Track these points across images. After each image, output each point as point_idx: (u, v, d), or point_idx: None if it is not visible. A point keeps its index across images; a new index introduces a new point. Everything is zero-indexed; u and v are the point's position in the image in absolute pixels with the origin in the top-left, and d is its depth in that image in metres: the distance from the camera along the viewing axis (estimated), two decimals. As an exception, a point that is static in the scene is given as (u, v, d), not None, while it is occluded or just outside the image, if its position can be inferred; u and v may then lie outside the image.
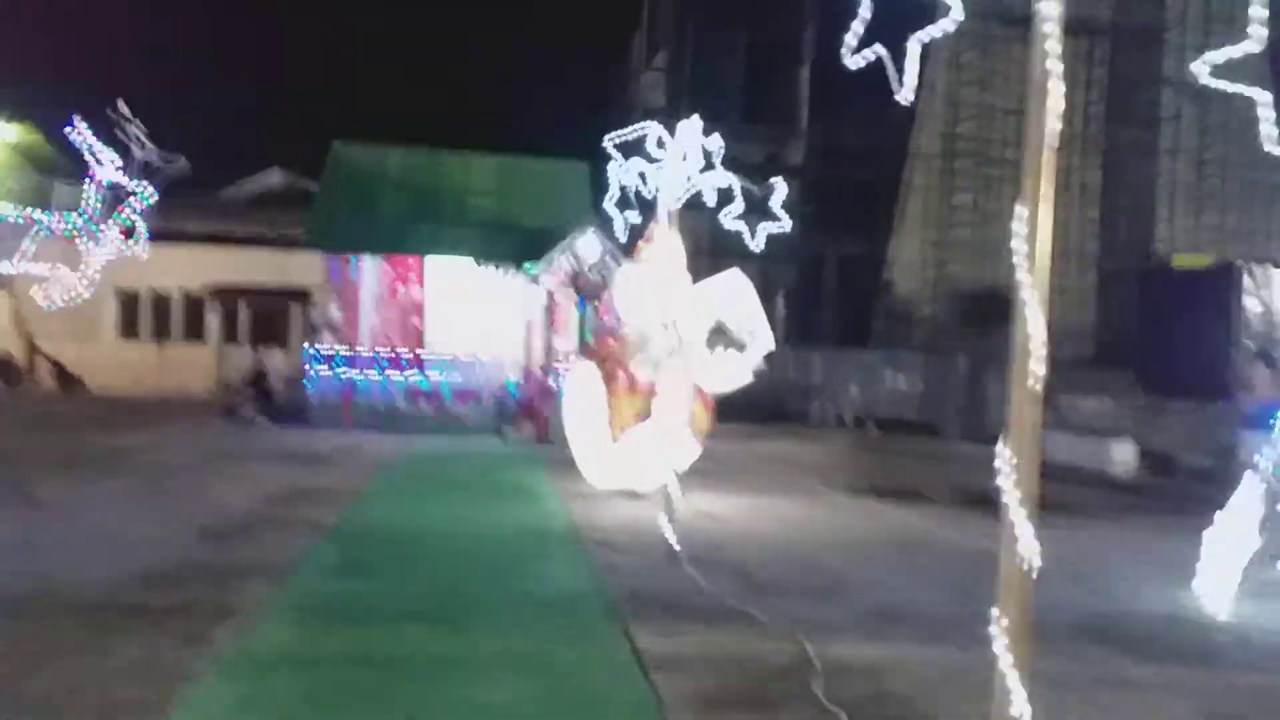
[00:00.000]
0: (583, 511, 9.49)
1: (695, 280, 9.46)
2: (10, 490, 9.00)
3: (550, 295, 18.00)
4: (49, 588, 5.79)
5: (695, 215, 8.65)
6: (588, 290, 17.53)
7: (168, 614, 5.37)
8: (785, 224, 7.92)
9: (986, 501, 4.26)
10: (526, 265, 17.68)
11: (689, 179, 7.98)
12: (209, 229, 26.28)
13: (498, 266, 18.24)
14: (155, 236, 14.41)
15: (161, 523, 8.07)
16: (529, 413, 17.01)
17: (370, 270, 18.30)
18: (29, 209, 8.63)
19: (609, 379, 10.16)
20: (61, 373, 22.36)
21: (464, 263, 18.15)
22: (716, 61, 29.42)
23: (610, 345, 10.39)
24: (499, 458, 14.06)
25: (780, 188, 7.73)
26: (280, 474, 11.27)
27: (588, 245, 17.10)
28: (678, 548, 7.31)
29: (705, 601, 6.11)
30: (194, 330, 26.09)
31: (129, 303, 25.64)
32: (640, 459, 9.87)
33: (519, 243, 17.91)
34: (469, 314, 18.60)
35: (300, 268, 22.85)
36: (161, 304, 26.04)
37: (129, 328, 25.78)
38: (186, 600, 5.66)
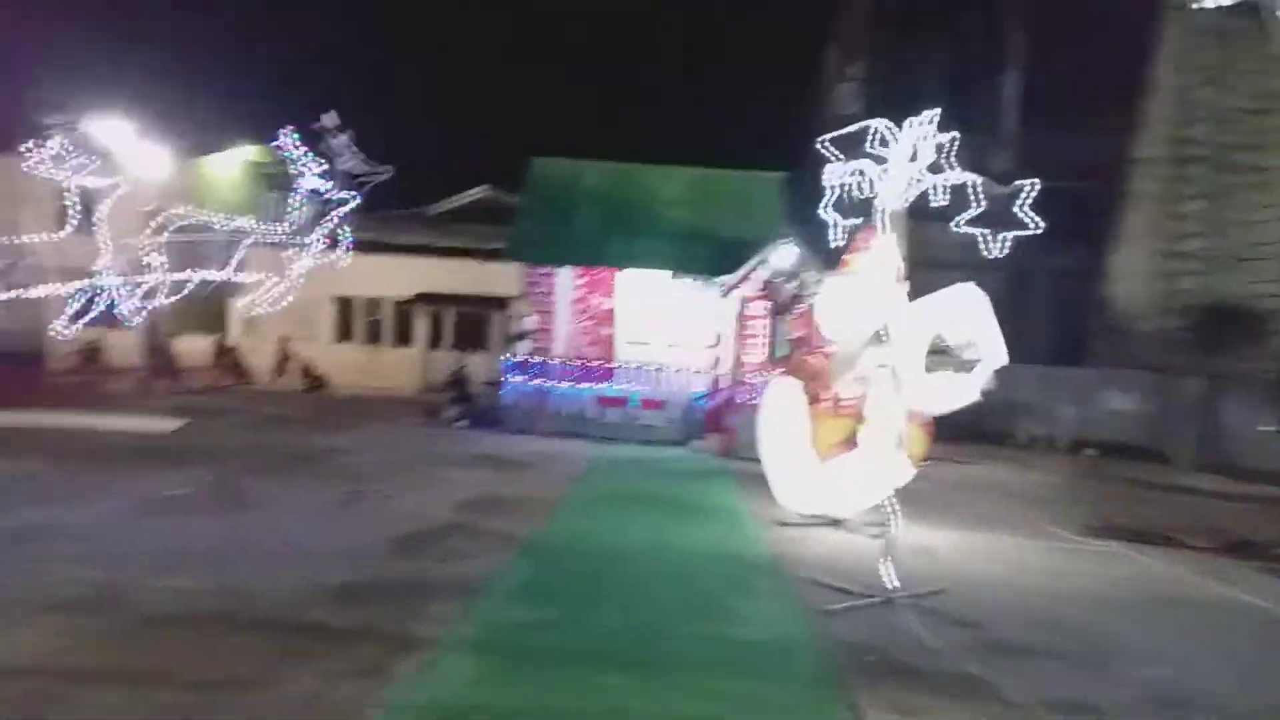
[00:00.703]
0: (783, 539, 8.79)
1: (912, 292, 8.55)
2: (223, 491, 9.31)
3: (742, 307, 17.40)
4: (238, 601, 5.71)
5: (916, 221, 7.78)
6: (781, 302, 16.82)
7: (349, 639, 5.12)
8: (1034, 228, 6.91)
9: (1252, 549, 3.23)
10: (719, 276, 17.20)
11: (915, 179, 7.14)
12: (418, 241, 27.58)
13: (690, 277, 17.86)
14: (369, 248, 15.05)
15: (357, 530, 8.05)
16: (716, 425, 16.44)
17: (565, 281, 18.36)
18: (243, 220, 8.87)
19: (812, 398, 9.37)
20: (308, 372, 23.95)
21: (656, 274, 17.90)
22: (914, 70, 27.90)
23: (813, 362, 9.60)
24: (688, 471, 13.55)
25: (1026, 188, 6.74)
26: (476, 480, 11.24)
27: (781, 256, 16.40)
28: (894, 585, 6.49)
29: (937, 664, 5.27)
30: (403, 334, 27.44)
31: (344, 308, 27.24)
32: (844, 485, 9.04)
33: (711, 254, 17.47)
34: (659, 324, 18.33)
35: (500, 278, 23.49)
36: (374, 310, 27.51)
37: (344, 331, 27.38)
38: (370, 622, 5.42)
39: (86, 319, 8.01)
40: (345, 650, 4.93)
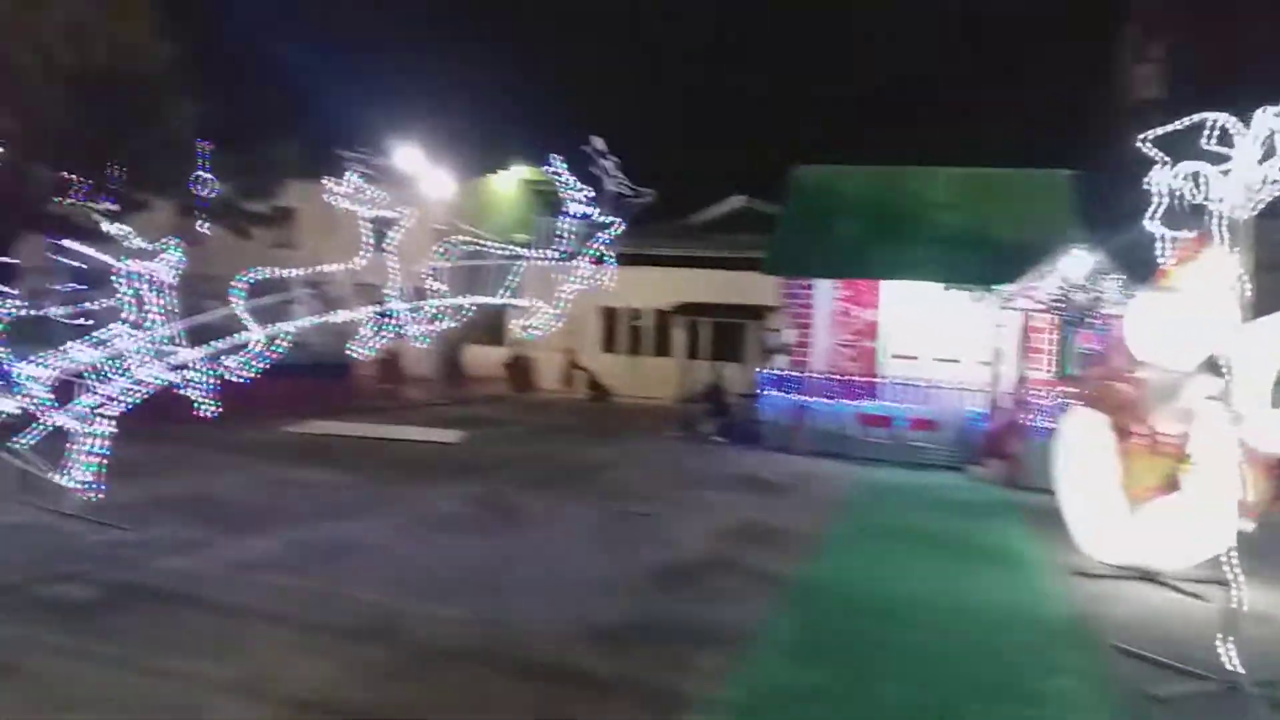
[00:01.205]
0: (1087, 595, 7.70)
1: (1257, 299, 7.18)
2: (495, 507, 9.61)
3: (1025, 320, 15.87)
4: (506, 638, 5.66)
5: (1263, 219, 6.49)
6: (1072, 316, 15.12)
7: (613, 691, 4.90)
8: None
9: None
10: (997, 286, 15.75)
11: (1269, 181, 5.94)
12: (678, 252, 27.88)
13: (964, 288, 16.56)
14: (629, 260, 15.21)
15: (619, 558, 7.94)
16: (997, 450, 15.03)
17: (826, 293, 17.67)
18: (517, 244, 9.05)
19: (1122, 433, 8.17)
20: (594, 383, 25.02)
21: (924, 285, 16.76)
22: (1234, 41, 24.31)
23: (1122, 391, 8.38)
24: (966, 502, 12.44)
25: None
26: (735, 504, 10.92)
27: (1073, 264, 14.68)
28: (1237, 668, 5.39)
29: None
30: (662, 345, 27.89)
31: (609, 318, 28.11)
32: (1162, 534, 7.77)
33: (988, 262, 16.04)
34: (929, 338, 17.17)
35: (758, 288, 23.12)
36: (635, 320, 28.18)
37: (609, 341, 28.25)
38: (634, 673, 5.18)
39: (380, 340, 8.41)
40: (608, 705, 4.72)
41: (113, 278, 7.72)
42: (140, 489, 8.98)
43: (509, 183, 32.36)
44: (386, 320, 8.89)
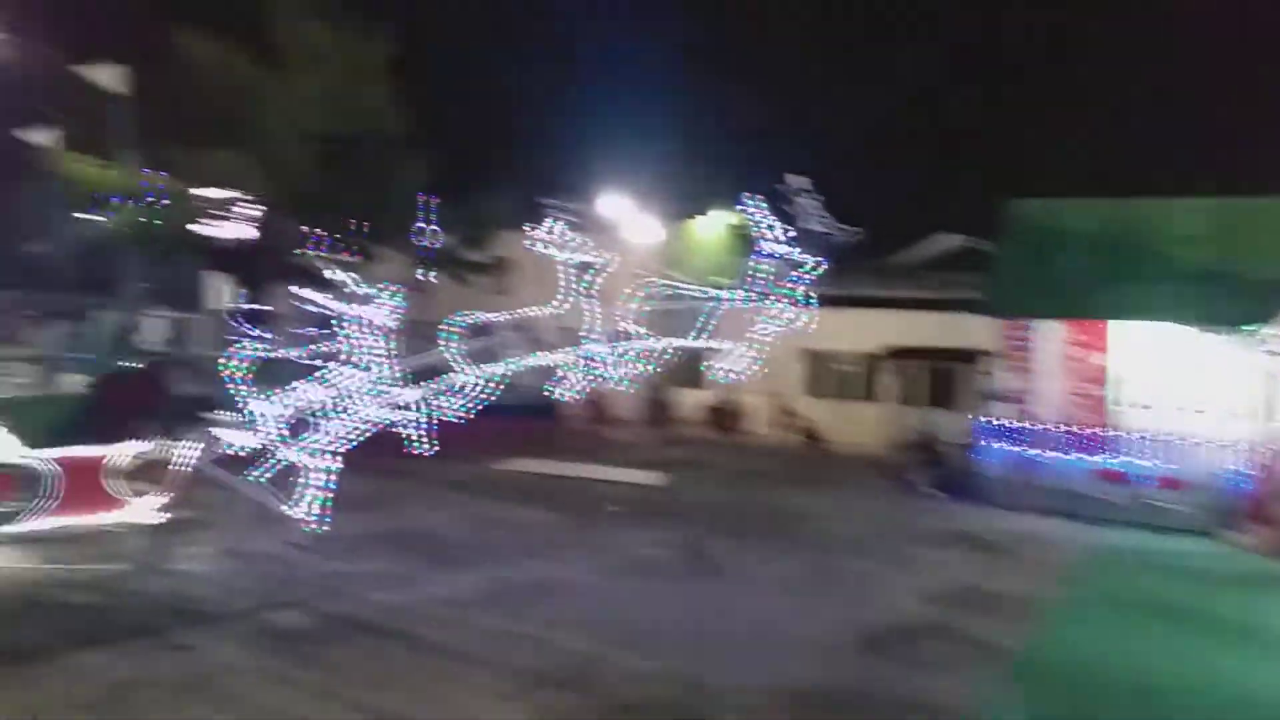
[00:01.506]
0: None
1: None
2: (695, 554, 9.40)
3: (1293, 365, 13.98)
4: (699, 698, 5.42)
5: None
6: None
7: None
8: None
9: None
10: (1254, 326, 13.98)
11: None
12: (885, 293, 26.95)
13: (1214, 330, 14.82)
14: (833, 301, 14.76)
15: (824, 616, 7.50)
16: (1261, 514, 13.23)
17: (1050, 336, 16.33)
18: (714, 287, 8.91)
19: None
20: (808, 430, 24.63)
21: (1165, 326, 15.12)
22: None
23: None
24: (1222, 575, 10.96)
25: None
26: (950, 563, 10.15)
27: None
28: None
29: None
30: (869, 390, 26.91)
31: (812, 362, 27.48)
32: None
33: (1242, 300, 14.26)
34: (1172, 385, 15.44)
35: (973, 331, 21.87)
36: (840, 364, 27.39)
37: (813, 385, 27.59)
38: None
39: (582, 383, 8.47)
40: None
41: (334, 322, 8.24)
42: (361, 522, 9.47)
43: (713, 227, 32.58)
44: (588, 363, 9.00)
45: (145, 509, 6.88)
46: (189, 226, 22.43)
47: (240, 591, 6.63)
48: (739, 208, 8.55)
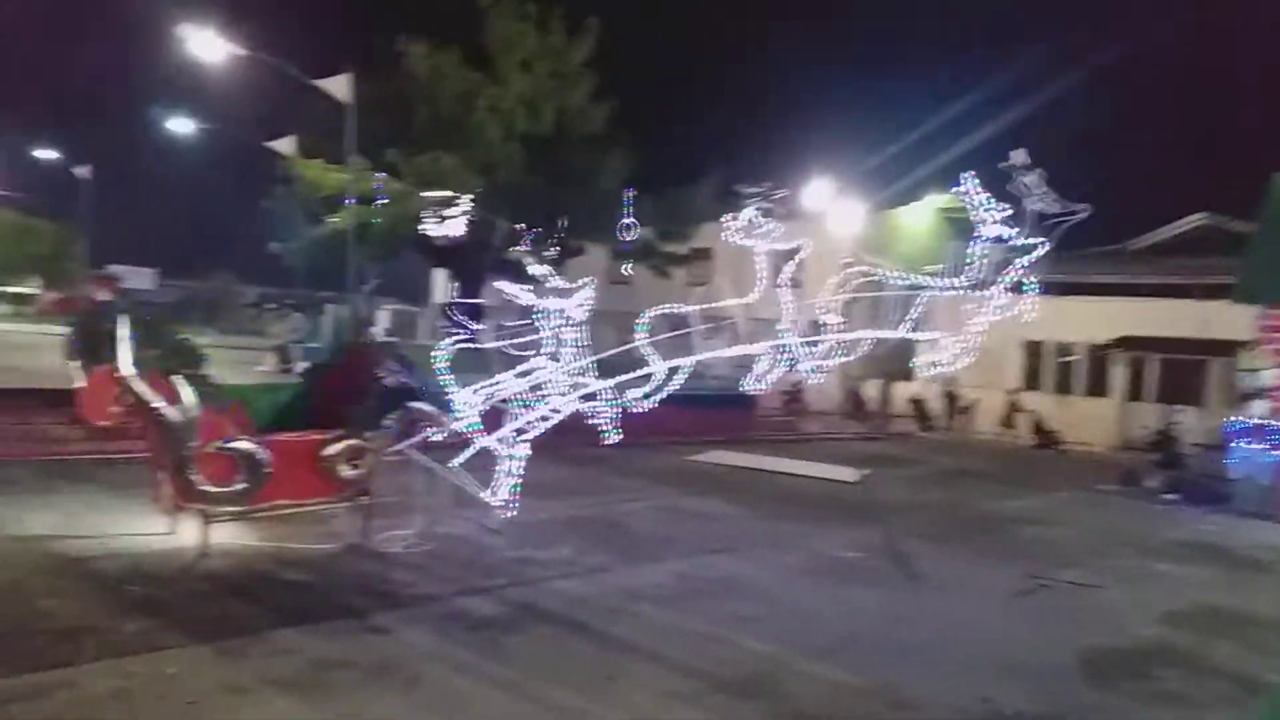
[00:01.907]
0: None
1: None
2: (893, 558, 8.86)
3: None
4: (884, 708, 5.02)
5: None
6: None
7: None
8: None
9: None
10: None
11: None
12: (1117, 279, 24.69)
13: None
14: (1058, 289, 13.64)
15: (1038, 633, 6.82)
16: None
17: (1320, 324, 14.31)
18: (922, 274, 8.31)
19: None
20: (1039, 428, 23.19)
21: None
22: None
23: None
24: None
25: None
26: (1191, 580, 9.05)
27: None
28: None
29: None
30: (1096, 384, 24.76)
31: (1032, 353, 25.61)
32: None
33: None
34: None
35: (1222, 319, 19.63)
36: (1065, 356, 25.36)
37: (1031, 379, 25.72)
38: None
39: (775, 374, 8.19)
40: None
41: (533, 314, 8.37)
42: (550, 509, 9.62)
43: (922, 214, 31.05)
44: (782, 354, 8.66)
45: (353, 492, 7.22)
46: (412, 225, 23.98)
47: (435, 575, 6.83)
48: (954, 190, 7.90)
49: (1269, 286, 14.67)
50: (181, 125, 25.87)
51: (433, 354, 8.46)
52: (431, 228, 24.35)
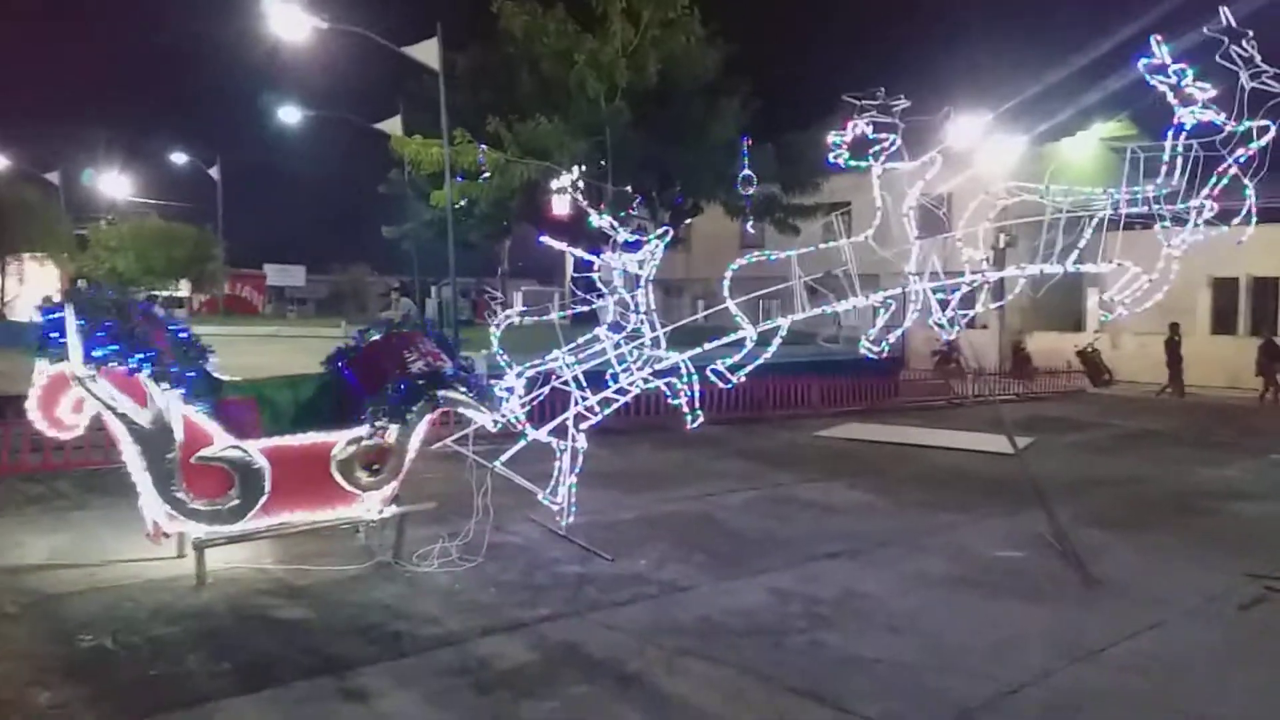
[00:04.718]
0: None
1: None
2: (1064, 557, 6.93)
3: None
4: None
5: None
6: None
7: None
8: None
9: None
10: None
11: None
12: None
13: None
14: (1264, 215, 11.04)
15: (1259, 670, 4.90)
16: None
17: None
18: (1092, 193, 6.36)
19: None
20: (1096, 365, 20.36)
21: None
22: None
23: None
24: None
25: None
26: None
27: None
28: None
29: None
30: (1303, 327, 21.25)
31: (1226, 292, 22.28)
32: None
33: None
34: None
35: None
36: (1264, 293, 21.91)
37: (1222, 320, 22.40)
38: None
39: (895, 331, 6.47)
40: None
41: (592, 276, 6.94)
42: (638, 505, 8.22)
43: (1086, 147, 27.59)
44: (908, 305, 6.91)
45: (377, 501, 6.00)
46: (519, 197, 22.94)
47: (465, 603, 5.54)
48: (1141, 62, 5.85)
49: None
50: (290, 114, 25.73)
51: (492, 331, 7.19)
52: (550, 201, 23.21)
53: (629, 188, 21.82)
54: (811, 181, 23.50)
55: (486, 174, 21.34)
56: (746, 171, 19.53)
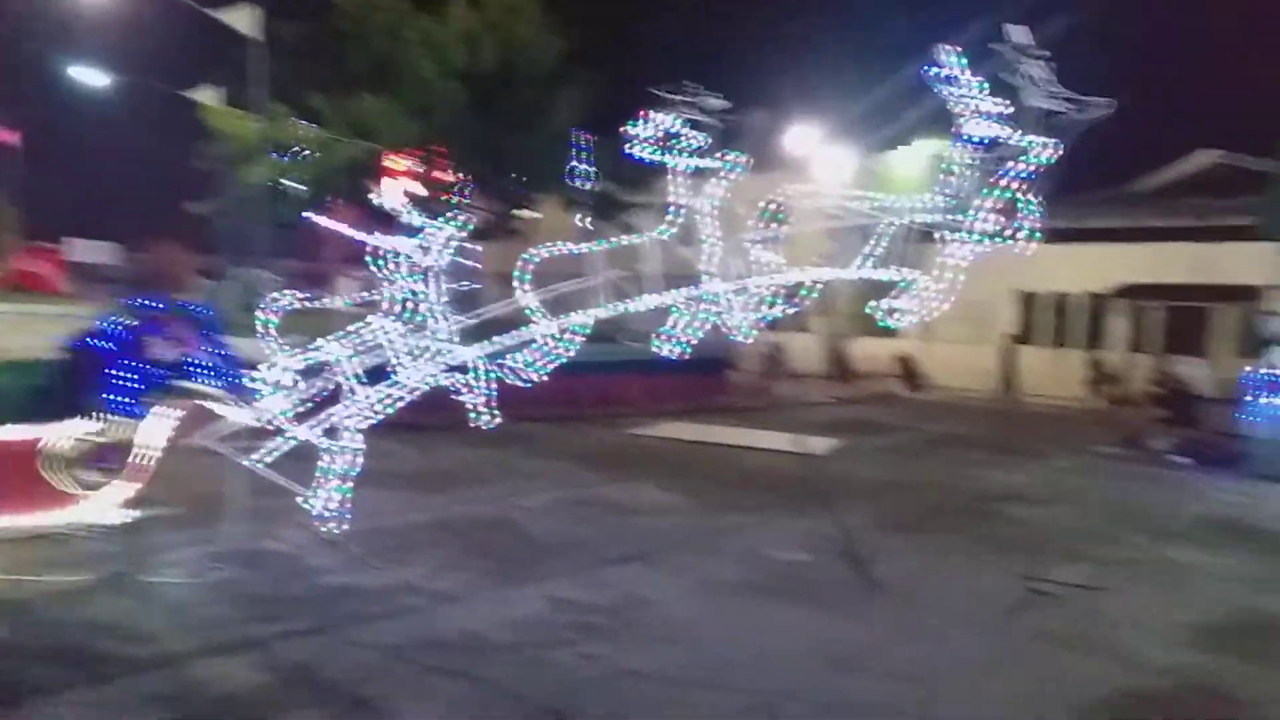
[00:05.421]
0: None
1: None
2: (850, 561, 7.00)
3: None
4: None
5: None
6: None
7: None
8: None
9: None
10: None
11: None
12: (1117, 223, 22.76)
13: None
14: (1055, 235, 11.81)
15: (1023, 676, 5.01)
16: None
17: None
18: (883, 198, 6.39)
19: None
20: (909, 370, 21.55)
21: None
22: None
23: None
24: None
25: None
26: (1223, 573, 7.28)
27: None
28: None
29: None
30: (1095, 336, 22.94)
31: (1026, 304, 23.76)
32: None
33: None
34: None
35: (1234, 263, 17.82)
36: (1060, 307, 23.50)
37: (1025, 332, 23.87)
38: None
39: (693, 331, 6.30)
40: None
41: (370, 259, 6.44)
42: (430, 508, 7.79)
43: (915, 159, 28.80)
44: (705, 306, 6.78)
45: (105, 504, 5.33)
46: (343, 179, 21.88)
47: (199, 619, 4.98)
48: (927, 70, 5.89)
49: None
50: (94, 78, 23.57)
51: (258, 317, 6.56)
52: (374, 187, 22.20)
53: (465, 174, 21.18)
54: (644, 179, 23.51)
55: (305, 151, 20.20)
56: (579, 164, 19.28)
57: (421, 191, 21.95)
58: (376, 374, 6.57)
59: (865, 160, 26.48)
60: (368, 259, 6.42)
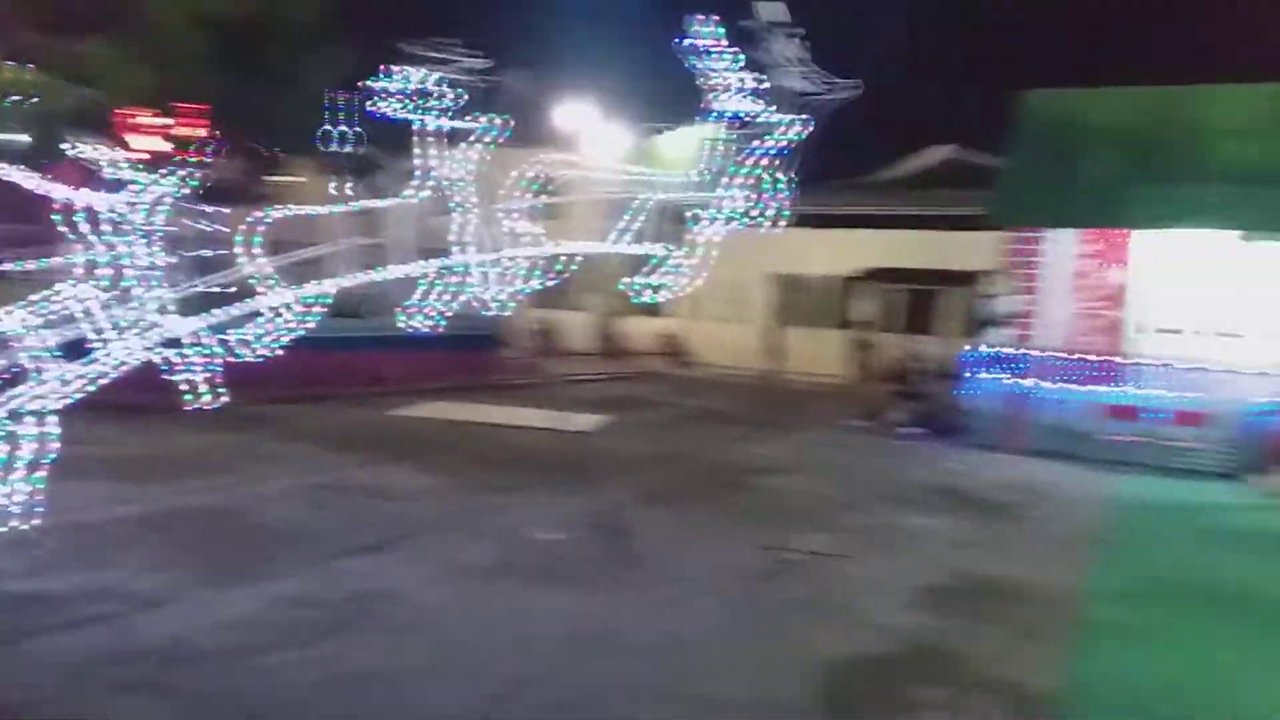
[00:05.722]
0: None
1: None
2: (607, 537, 6.95)
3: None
4: None
5: None
6: None
7: None
8: None
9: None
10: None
11: None
12: (862, 212, 24.47)
13: (1259, 237, 12.47)
14: (807, 221, 12.41)
15: (765, 644, 5.13)
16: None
17: (1062, 249, 13.88)
18: (638, 172, 6.30)
19: None
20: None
21: (1201, 234, 12.74)
22: None
23: None
24: (1266, 533, 8.83)
25: None
26: (940, 536, 7.86)
27: None
28: None
29: None
30: (844, 317, 24.53)
31: (783, 286, 25.02)
32: None
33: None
34: (1204, 306, 13.15)
35: (962, 250, 19.57)
36: (809, 289, 24.95)
37: (782, 312, 25.14)
38: None
39: (443, 305, 5.94)
40: None
41: (58, 217, 5.59)
42: (151, 497, 6.99)
43: (687, 142, 29.46)
44: (455, 278, 6.45)
45: None
46: (66, 131, 19.44)
47: None
48: (679, 43, 5.81)
49: (1017, 210, 14.10)
50: None
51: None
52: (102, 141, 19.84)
53: (215, 132, 19.38)
54: (407, 143, 22.58)
55: (20, 98, 17.74)
56: (337, 127, 18.15)
57: (165, 147, 19.97)
58: (75, 349, 5.74)
59: (640, 140, 26.83)
60: (55, 217, 5.56)
